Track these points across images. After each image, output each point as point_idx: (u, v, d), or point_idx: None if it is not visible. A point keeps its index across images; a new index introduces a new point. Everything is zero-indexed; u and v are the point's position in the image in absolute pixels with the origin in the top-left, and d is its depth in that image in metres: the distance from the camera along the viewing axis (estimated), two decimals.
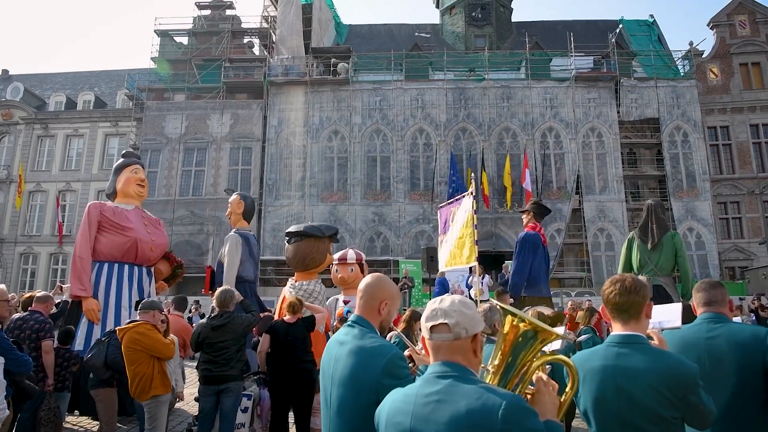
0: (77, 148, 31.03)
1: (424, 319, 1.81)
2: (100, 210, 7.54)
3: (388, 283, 2.57)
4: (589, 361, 2.35)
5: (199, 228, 26.77)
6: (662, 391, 2.14)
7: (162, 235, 8.05)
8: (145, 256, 7.67)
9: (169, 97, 29.48)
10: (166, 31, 31.01)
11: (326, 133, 27.66)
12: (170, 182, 27.64)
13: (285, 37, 29.38)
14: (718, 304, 2.94)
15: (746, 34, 28.63)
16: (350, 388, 2.25)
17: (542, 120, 27.22)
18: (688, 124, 26.98)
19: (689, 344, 2.74)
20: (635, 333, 2.31)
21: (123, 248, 7.43)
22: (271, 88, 28.16)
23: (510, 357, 1.86)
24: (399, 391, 1.83)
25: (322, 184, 27.11)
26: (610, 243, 25.99)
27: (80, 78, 36.23)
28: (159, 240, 7.91)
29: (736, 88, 28.01)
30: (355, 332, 2.40)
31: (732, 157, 27.49)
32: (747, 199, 26.63)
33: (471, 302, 1.82)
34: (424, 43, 32.20)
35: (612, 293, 2.35)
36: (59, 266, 29.47)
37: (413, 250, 25.07)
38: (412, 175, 27.25)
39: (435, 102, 27.60)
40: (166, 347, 5.27)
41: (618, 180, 26.54)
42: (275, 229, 26.25)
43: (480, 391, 1.62)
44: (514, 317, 1.86)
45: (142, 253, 7.58)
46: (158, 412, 5.20)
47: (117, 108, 32.21)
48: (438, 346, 1.76)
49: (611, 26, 31.75)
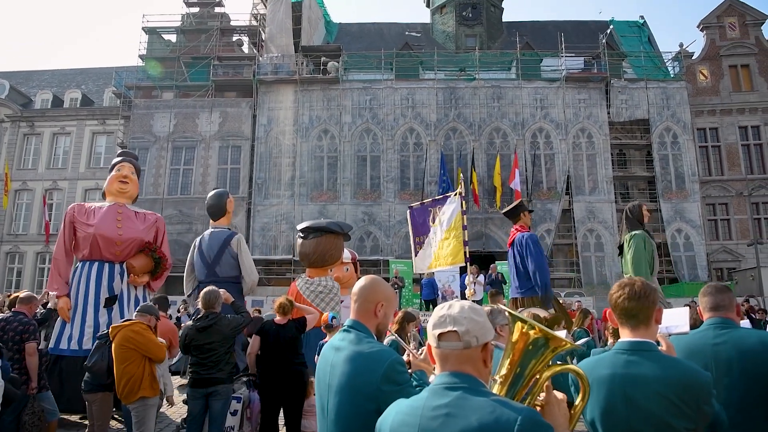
0: (64, 147, 30.66)
1: (431, 326, 1.70)
2: (74, 211, 7.72)
3: (384, 285, 2.48)
4: (597, 368, 2.24)
5: (188, 227, 26.52)
6: (675, 401, 2.04)
7: (136, 230, 7.76)
8: (110, 252, 7.54)
9: (157, 95, 29.21)
10: (155, 29, 30.72)
11: (316, 132, 27.52)
12: (158, 181, 27.38)
13: (274, 35, 29.20)
14: (725, 309, 2.85)
15: (736, 36, 28.83)
16: (348, 395, 2.16)
17: (532, 120, 27.25)
18: (678, 126, 27.12)
19: (695, 351, 2.65)
20: (645, 340, 2.21)
21: (87, 245, 7.50)
22: (260, 86, 27.97)
23: (518, 367, 1.75)
24: (403, 403, 1.71)
25: (311, 184, 26.98)
26: (599, 244, 26.07)
27: (67, 75, 35.79)
28: (128, 234, 7.64)
29: (725, 90, 28.19)
30: (352, 337, 2.31)
31: (721, 159, 27.67)
32: (735, 201, 26.80)
33: (481, 309, 1.71)
34: (414, 43, 32.14)
35: (621, 297, 2.24)
36: (45, 265, 29.07)
37: (403, 249, 24.99)
38: (402, 175, 27.18)
39: (425, 101, 27.55)
40: (159, 349, 5.19)
41: (608, 181, 26.62)
42: (264, 229, 26.09)
43: (493, 405, 1.51)
44: (524, 324, 1.75)
45: (105, 248, 7.49)
46: (146, 416, 5.08)
47: (104, 106, 31.84)
48: (446, 355, 1.65)
49: (602, 27, 31.90)
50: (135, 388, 4.96)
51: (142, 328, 5.13)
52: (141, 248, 7.81)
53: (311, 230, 7.34)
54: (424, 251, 8.03)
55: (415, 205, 8.56)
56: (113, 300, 7.47)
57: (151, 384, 5.07)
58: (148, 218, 8.05)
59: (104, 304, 7.40)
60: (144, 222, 7.94)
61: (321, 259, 7.19)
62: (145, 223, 7.94)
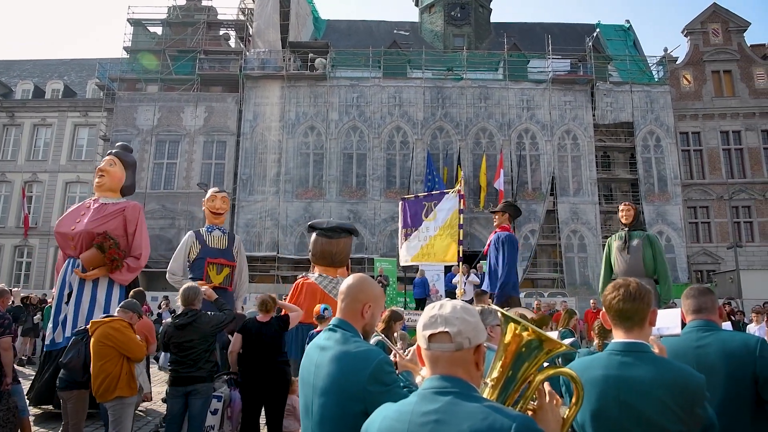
0: (45, 138, 30.11)
1: (421, 326, 1.62)
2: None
3: (372, 284, 2.42)
4: (589, 369, 2.20)
5: (171, 222, 26.25)
6: (669, 404, 2.01)
7: (91, 223, 7.44)
8: (69, 247, 7.53)
9: (142, 88, 28.83)
10: (140, 21, 30.27)
11: (302, 129, 27.37)
12: (141, 175, 26.96)
13: (262, 30, 28.97)
14: (708, 311, 2.85)
15: (719, 43, 29.16)
16: (334, 396, 2.09)
17: (519, 121, 27.34)
18: (661, 129, 27.39)
19: (678, 353, 2.63)
20: (639, 341, 2.17)
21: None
22: (246, 81, 27.74)
23: (511, 370, 1.69)
24: (391, 407, 1.63)
25: (297, 180, 26.82)
26: (582, 245, 26.25)
27: (49, 66, 35.15)
28: (79, 228, 7.40)
29: (707, 95, 28.52)
30: (338, 337, 2.24)
31: (702, 163, 28.00)
32: (716, 204, 27.13)
33: (474, 309, 1.64)
34: (402, 41, 32.09)
35: (615, 299, 2.21)
36: (24, 259, 28.62)
37: (388, 248, 24.96)
38: (389, 173, 27.13)
39: (412, 100, 27.51)
40: (138, 348, 5.08)
41: (592, 182, 26.81)
42: (249, 225, 25.90)
43: (485, 411, 1.44)
44: (517, 325, 1.69)
45: (64, 244, 7.56)
46: (123, 415, 4.97)
47: (87, 98, 31.33)
48: (437, 357, 1.57)
49: (588, 30, 32.08)
50: (111, 387, 4.84)
51: (123, 326, 5.01)
52: (93, 240, 7.41)
53: (341, 230, 7.51)
54: (410, 243, 8.05)
55: (408, 197, 8.60)
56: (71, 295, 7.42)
57: (129, 383, 4.96)
58: (109, 209, 7.64)
59: (65, 300, 7.38)
60: (111, 215, 7.57)
61: (345, 258, 7.54)
62: (112, 216, 7.56)
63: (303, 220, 25.87)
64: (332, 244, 7.53)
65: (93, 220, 7.48)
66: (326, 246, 7.61)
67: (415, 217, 8.12)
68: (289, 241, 25.87)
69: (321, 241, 7.62)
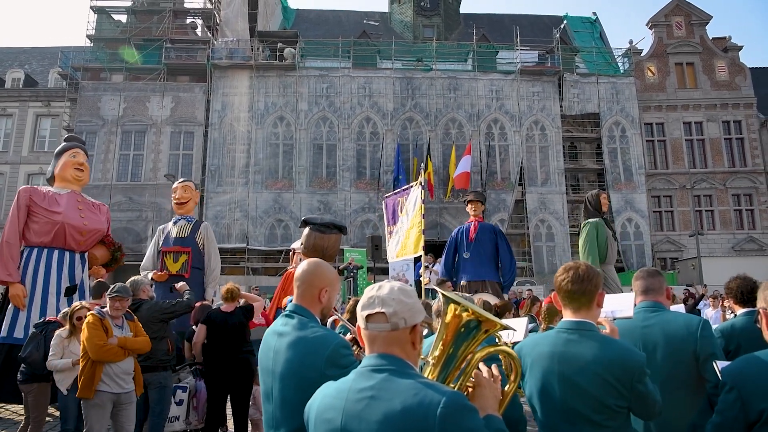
0: (5, 129, 29.20)
1: (360, 306, 1.66)
2: (30, 194, 7.35)
3: (327, 268, 2.44)
4: (538, 346, 2.30)
5: (138, 214, 25.80)
6: (608, 380, 2.10)
7: (98, 221, 7.67)
8: (74, 241, 7.36)
9: (106, 77, 28.20)
10: (104, 8, 29.59)
11: (271, 119, 27.13)
12: (107, 166, 26.50)
13: (230, 18, 28.58)
14: (655, 293, 2.97)
15: (682, 35, 29.77)
16: (293, 381, 2.11)
17: (488, 111, 27.55)
18: (626, 120, 27.91)
19: (625, 333, 2.74)
20: (586, 320, 2.26)
21: (51, 233, 7.21)
22: (214, 71, 27.34)
23: (451, 348, 1.74)
24: (331, 385, 1.68)
25: (266, 171, 26.60)
26: (550, 234, 26.66)
27: (9, 54, 34.08)
28: (92, 225, 7.54)
29: (671, 87, 29.12)
30: (295, 322, 2.26)
31: (666, 153, 28.63)
32: (679, 194, 27.81)
33: (412, 290, 1.68)
34: (372, 31, 32.00)
35: (564, 280, 2.29)
36: None
37: (358, 238, 24.98)
38: (359, 164, 27.10)
39: (382, 91, 27.48)
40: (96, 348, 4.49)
41: (559, 173, 27.20)
42: (218, 216, 25.62)
43: (417, 387, 1.49)
44: (457, 306, 1.75)
45: (70, 237, 7.29)
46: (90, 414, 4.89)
47: (49, 87, 30.49)
48: (374, 336, 1.62)
49: (556, 22, 32.41)
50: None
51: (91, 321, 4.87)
52: (100, 239, 7.71)
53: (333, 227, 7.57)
54: (393, 240, 8.23)
55: (388, 195, 8.79)
56: (74, 289, 7.26)
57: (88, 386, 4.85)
58: (102, 209, 7.96)
59: (65, 293, 7.20)
60: (101, 213, 7.86)
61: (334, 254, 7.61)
62: (102, 214, 7.86)
63: (273, 211, 25.69)
64: (324, 239, 7.57)
65: (102, 220, 7.70)
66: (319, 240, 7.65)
67: (394, 214, 8.31)
68: (258, 233, 25.69)
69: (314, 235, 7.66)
